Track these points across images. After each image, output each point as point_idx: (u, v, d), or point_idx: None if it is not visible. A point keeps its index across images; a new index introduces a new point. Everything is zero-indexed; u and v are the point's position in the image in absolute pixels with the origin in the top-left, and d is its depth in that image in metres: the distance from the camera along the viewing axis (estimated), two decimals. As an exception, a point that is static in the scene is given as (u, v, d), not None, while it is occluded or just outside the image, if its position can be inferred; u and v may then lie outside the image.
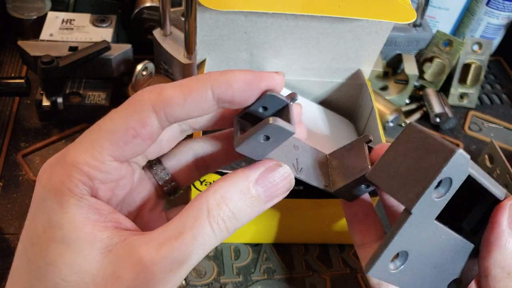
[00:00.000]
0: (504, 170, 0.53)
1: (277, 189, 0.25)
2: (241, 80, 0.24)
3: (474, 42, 0.64)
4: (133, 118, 0.24)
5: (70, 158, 0.24)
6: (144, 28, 0.63)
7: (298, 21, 0.44)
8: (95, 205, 0.24)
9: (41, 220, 0.24)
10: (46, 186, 0.24)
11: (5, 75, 0.62)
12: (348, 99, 0.52)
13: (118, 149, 0.24)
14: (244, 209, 0.24)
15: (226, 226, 0.24)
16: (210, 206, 0.23)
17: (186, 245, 0.23)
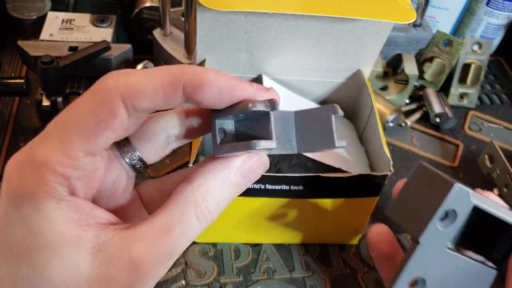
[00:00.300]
0: (504, 170, 0.53)
1: (255, 174, 0.26)
2: (214, 85, 0.23)
3: (474, 42, 0.64)
4: (102, 109, 0.22)
5: (39, 157, 0.22)
6: (144, 28, 0.63)
7: (298, 21, 0.44)
8: (75, 205, 0.23)
9: (18, 228, 0.22)
10: (18, 191, 0.22)
11: (5, 75, 0.62)
12: (348, 99, 0.52)
13: (90, 143, 0.23)
14: (227, 197, 0.25)
15: (211, 216, 0.24)
16: (197, 200, 0.24)
17: (176, 239, 0.23)
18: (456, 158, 0.60)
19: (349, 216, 0.46)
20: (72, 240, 0.22)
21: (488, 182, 0.57)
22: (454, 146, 0.62)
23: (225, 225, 0.45)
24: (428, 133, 0.63)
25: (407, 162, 0.59)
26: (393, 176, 0.56)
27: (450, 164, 0.59)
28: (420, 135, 0.62)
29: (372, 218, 0.51)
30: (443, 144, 0.62)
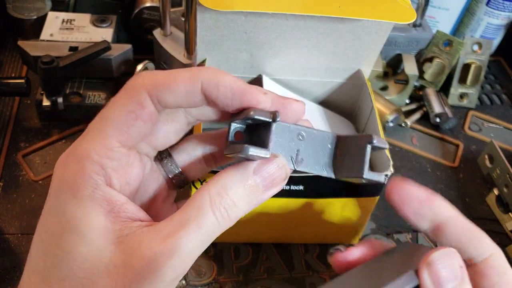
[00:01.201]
0: (504, 170, 0.53)
1: (273, 178, 0.26)
2: (227, 86, 0.26)
3: (474, 42, 0.64)
4: (131, 102, 0.25)
5: (80, 150, 0.25)
6: (144, 28, 0.63)
7: (298, 21, 0.44)
8: (109, 196, 0.25)
9: (56, 212, 0.25)
10: (61, 179, 0.25)
11: (5, 75, 0.62)
12: (348, 99, 0.52)
13: (123, 133, 0.25)
14: (244, 197, 0.26)
15: (228, 214, 0.25)
16: (212, 195, 0.25)
17: (192, 233, 0.24)
18: (456, 158, 0.60)
19: (349, 216, 0.46)
20: (100, 228, 0.24)
21: (488, 182, 0.57)
22: (454, 146, 0.62)
23: (225, 225, 0.45)
24: (428, 133, 0.63)
25: (407, 162, 0.59)
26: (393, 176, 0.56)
27: (450, 164, 0.59)
28: (420, 135, 0.62)
29: (372, 218, 0.52)
30: (443, 144, 0.62)
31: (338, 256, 0.33)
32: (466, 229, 0.29)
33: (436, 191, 0.58)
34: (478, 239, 0.29)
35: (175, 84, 0.26)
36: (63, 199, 0.25)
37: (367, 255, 0.32)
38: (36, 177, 0.51)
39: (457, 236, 0.29)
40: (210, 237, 0.25)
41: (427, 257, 0.26)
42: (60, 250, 0.24)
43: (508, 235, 0.52)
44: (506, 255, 0.49)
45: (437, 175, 0.57)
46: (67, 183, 0.25)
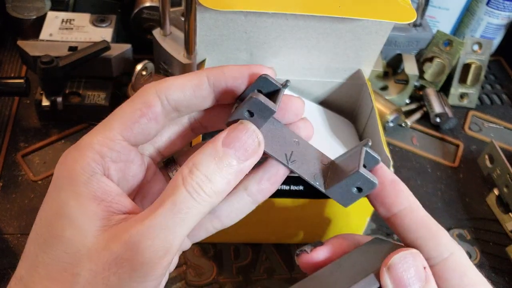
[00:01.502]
0: (504, 170, 0.53)
1: (246, 147, 0.26)
2: (232, 68, 0.27)
3: (474, 42, 0.64)
4: (139, 101, 0.27)
5: (83, 140, 0.26)
6: (144, 28, 0.63)
7: (298, 21, 0.44)
8: (103, 185, 0.25)
9: (52, 198, 0.26)
10: (61, 167, 0.26)
11: (5, 75, 0.62)
12: (348, 99, 0.52)
13: (127, 128, 0.26)
14: (217, 171, 0.25)
15: (203, 189, 0.25)
16: (184, 174, 0.25)
17: (167, 211, 0.24)
18: (456, 158, 0.60)
19: (349, 216, 0.46)
20: (89, 215, 0.25)
21: (488, 182, 0.57)
22: (454, 146, 0.62)
23: (225, 225, 0.45)
24: (428, 133, 0.63)
25: (407, 162, 0.58)
26: (393, 176, 0.56)
27: (450, 164, 0.59)
28: (420, 135, 0.62)
29: (373, 218, 0.51)
30: (443, 144, 0.62)
31: (303, 258, 0.33)
32: (424, 225, 0.29)
33: (436, 191, 0.59)
34: (437, 237, 0.28)
35: (181, 80, 0.27)
36: (60, 185, 0.25)
37: (334, 254, 0.31)
38: (35, 177, 0.51)
39: (413, 230, 0.29)
40: (188, 214, 0.24)
41: (387, 259, 0.25)
42: (49, 235, 0.25)
43: (508, 235, 0.52)
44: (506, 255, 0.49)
45: (437, 175, 0.57)
46: (65, 169, 0.25)
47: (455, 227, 0.52)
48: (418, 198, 0.58)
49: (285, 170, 0.29)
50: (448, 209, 0.54)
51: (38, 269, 0.25)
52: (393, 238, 0.50)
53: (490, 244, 0.51)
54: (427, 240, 0.28)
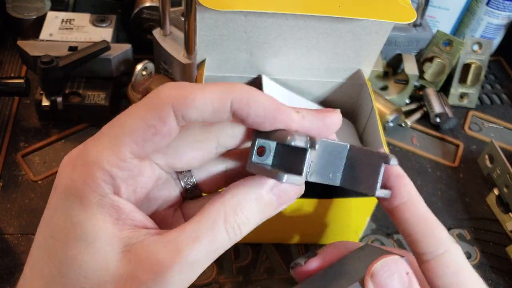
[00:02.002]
0: (504, 170, 0.53)
1: (288, 196, 0.26)
2: (260, 104, 0.24)
3: (474, 42, 0.64)
4: (153, 116, 0.24)
5: (91, 156, 0.24)
6: (144, 28, 0.63)
7: (298, 21, 0.44)
8: (116, 204, 0.24)
9: (61, 216, 0.24)
10: (67, 184, 0.24)
11: (5, 75, 0.62)
12: (348, 99, 0.52)
13: (138, 146, 0.24)
14: (257, 214, 0.25)
15: (241, 231, 0.25)
16: (227, 212, 0.24)
17: (203, 249, 0.23)
18: (456, 158, 0.60)
19: (349, 216, 0.46)
20: (107, 236, 0.23)
21: (488, 182, 0.57)
22: (454, 146, 0.62)
23: (225, 225, 0.45)
24: (428, 133, 0.63)
25: (407, 162, 0.58)
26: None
27: (450, 164, 0.59)
28: (420, 135, 0.62)
29: (373, 218, 0.51)
30: (443, 144, 0.62)
31: (298, 270, 0.33)
32: (422, 219, 0.29)
33: (436, 191, 0.59)
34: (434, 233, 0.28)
35: (203, 100, 0.24)
36: (70, 203, 0.24)
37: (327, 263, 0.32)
38: (35, 177, 0.51)
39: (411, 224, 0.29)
40: (219, 252, 0.24)
41: (371, 267, 0.26)
42: (65, 257, 0.23)
43: (508, 235, 0.52)
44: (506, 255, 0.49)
45: (437, 175, 0.57)
46: (74, 188, 0.24)
47: (455, 227, 0.52)
48: (418, 198, 0.57)
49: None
50: (448, 209, 0.54)
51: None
52: (393, 238, 0.50)
53: (490, 244, 0.51)
54: (424, 235, 0.28)
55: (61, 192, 0.24)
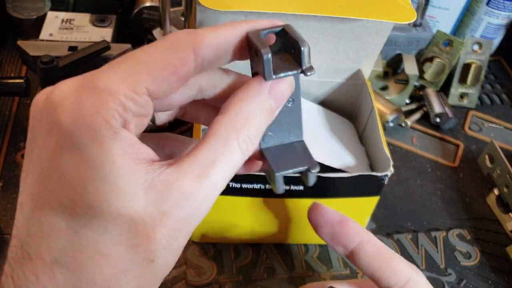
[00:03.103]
0: (504, 170, 0.53)
1: (284, 97, 0.26)
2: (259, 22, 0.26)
3: (474, 42, 0.64)
4: (174, 56, 0.23)
5: (103, 84, 0.22)
6: (144, 28, 0.63)
7: (298, 21, 0.44)
8: (129, 138, 0.22)
9: (71, 158, 0.21)
10: (73, 117, 0.21)
11: (5, 75, 0.62)
12: (348, 99, 0.52)
13: (155, 84, 0.22)
14: (263, 123, 0.25)
15: (253, 144, 0.24)
16: (238, 128, 0.24)
17: (221, 170, 0.23)
18: (456, 158, 0.60)
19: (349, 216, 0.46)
20: (128, 174, 0.21)
21: (488, 182, 0.57)
22: (454, 146, 0.62)
23: (225, 225, 0.45)
24: (428, 133, 0.63)
25: (407, 162, 0.59)
26: (393, 176, 0.56)
27: (450, 164, 0.59)
28: (420, 135, 0.62)
29: (373, 218, 0.51)
30: (443, 144, 0.62)
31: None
32: (376, 256, 0.30)
33: (436, 191, 0.59)
34: (390, 267, 0.29)
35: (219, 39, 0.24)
36: (79, 140, 0.21)
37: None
38: (35, 177, 0.51)
39: (369, 263, 0.30)
40: (235, 170, 0.24)
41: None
42: (87, 206, 0.21)
43: (508, 235, 0.52)
44: (506, 255, 0.49)
45: (437, 175, 0.57)
46: (83, 121, 0.21)
47: (455, 227, 0.52)
48: (418, 198, 0.58)
49: None
50: (448, 209, 0.54)
51: (83, 248, 0.21)
52: (393, 238, 0.50)
53: (490, 244, 0.51)
54: (383, 271, 0.29)
55: (66, 129, 0.21)
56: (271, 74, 0.24)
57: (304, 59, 0.25)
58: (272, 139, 0.29)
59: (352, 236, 0.30)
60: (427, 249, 0.50)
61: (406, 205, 0.54)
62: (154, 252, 0.22)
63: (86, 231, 0.21)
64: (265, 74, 0.24)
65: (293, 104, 0.28)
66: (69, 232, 0.21)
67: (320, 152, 0.43)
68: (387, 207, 0.53)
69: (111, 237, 0.21)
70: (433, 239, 0.51)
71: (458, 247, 0.50)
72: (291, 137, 0.29)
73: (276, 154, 0.29)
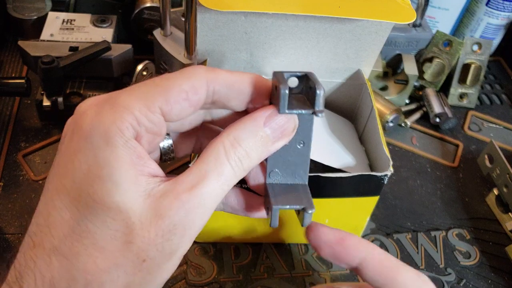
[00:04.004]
0: (504, 170, 0.53)
1: (283, 130, 0.28)
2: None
3: (473, 42, 0.64)
4: (187, 83, 0.26)
5: (122, 101, 0.25)
6: (145, 28, 0.63)
7: (298, 21, 0.44)
8: (138, 150, 0.25)
9: (84, 157, 0.24)
10: (93, 122, 0.24)
11: (6, 75, 0.62)
12: (348, 99, 0.52)
13: (168, 105, 0.25)
14: (255, 148, 0.27)
15: (242, 164, 0.26)
16: (226, 147, 0.26)
17: (213, 183, 0.25)
18: (456, 158, 0.60)
19: (349, 216, 0.46)
20: (132, 179, 0.24)
21: (488, 182, 0.57)
22: (454, 146, 0.62)
23: (225, 225, 0.45)
24: (428, 133, 0.63)
25: (407, 162, 0.59)
26: (393, 176, 0.56)
27: (450, 164, 0.59)
28: (420, 135, 0.63)
29: (372, 218, 0.52)
30: (443, 144, 0.62)
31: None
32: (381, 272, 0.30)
33: (435, 191, 0.59)
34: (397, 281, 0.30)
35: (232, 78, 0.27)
36: (95, 144, 0.24)
37: None
38: (36, 177, 0.52)
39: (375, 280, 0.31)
40: (228, 186, 0.26)
41: None
42: (91, 199, 0.23)
43: (508, 235, 0.52)
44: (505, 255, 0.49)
45: (437, 175, 0.58)
46: (101, 128, 0.24)
47: (455, 227, 0.52)
48: (418, 198, 0.58)
49: None
50: (447, 208, 0.54)
51: (81, 239, 0.23)
52: (392, 238, 0.50)
53: (490, 244, 0.51)
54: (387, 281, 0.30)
55: (85, 131, 0.24)
56: (285, 108, 0.26)
57: (318, 101, 0.27)
58: (278, 176, 0.31)
59: (352, 254, 0.31)
60: (426, 248, 0.50)
61: (405, 205, 0.54)
62: (147, 252, 0.24)
63: (87, 223, 0.23)
64: (279, 106, 0.26)
65: (303, 147, 0.30)
66: (72, 223, 0.24)
67: (320, 152, 0.44)
68: (387, 207, 0.53)
69: (108, 231, 0.23)
70: (433, 239, 0.51)
71: (457, 247, 0.50)
72: (296, 179, 0.31)
73: (278, 191, 0.31)
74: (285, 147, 0.29)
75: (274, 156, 0.30)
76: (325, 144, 0.47)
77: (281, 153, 0.30)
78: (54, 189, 0.25)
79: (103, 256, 0.23)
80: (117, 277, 0.24)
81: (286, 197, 0.30)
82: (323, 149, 0.45)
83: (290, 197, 0.30)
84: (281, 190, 0.31)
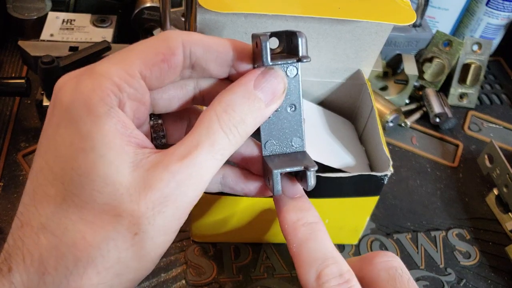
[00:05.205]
0: (504, 170, 0.53)
1: (274, 90, 0.27)
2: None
3: (473, 42, 0.64)
4: (163, 45, 0.25)
5: (99, 69, 0.24)
6: (145, 28, 0.63)
7: (298, 22, 0.44)
8: (122, 118, 0.24)
9: (67, 131, 0.23)
10: (72, 94, 0.23)
11: (6, 75, 0.62)
12: (348, 99, 0.52)
13: (146, 68, 0.25)
14: (249, 113, 0.26)
15: (238, 131, 0.25)
16: (219, 114, 0.25)
17: (206, 152, 0.24)
18: (456, 158, 0.60)
19: (349, 216, 0.46)
20: (117, 149, 0.23)
21: (488, 182, 0.57)
22: (454, 146, 0.62)
23: (225, 225, 0.45)
24: (428, 133, 0.63)
25: (406, 162, 0.59)
26: (393, 176, 0.56)
27: (450, 164, 0.59)
28: (420, 135, 0.63)
29: (372, 218, 0.52)
30: (443, 144, 0.62)
31: None
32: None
33: (435, 191, 0.59)
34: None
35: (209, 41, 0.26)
36: (76, 115, 0.23)
37: None
38: (36, 177, 0.52)
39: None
40: (223, 156, 0.25)
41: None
42: (76, 173, 0.22)
43: (507, 235, 0.52)
44: (505, 255, 0.49)
45: (437, 175, 0.58)
46: (80, 98, 0.23)
47: (455, 227, 0.52)
48: (418, 198, 0.58)
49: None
50: (447, 208, 0.54)
51: (68, 214, 0.22)
52: (392, 238, 0.50)
53: (490, 244, 0.51)
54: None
55: (65, 105, 0.23)
56: (269, 60, 0.25)
57: (301, 46, 0.26)
58: (274, 146, 0.29)
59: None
60: (426, 248, 0.50)
61: (405, 205, 0.54)
62: (138, 225, 0.23)
63: (73, 198, 0.22)
64: (263, 60, 0.25)
65: (295, 111, 0.29)
66: (57, 199, 0.22)
67: (320, 152, 0.44)
68: (387, 207, 0.53)
69: (96, 205, 0.22)
70: (433, 238, 0.51)
71: (457, 247, 0.51)
72: (293, 146, 0.30)
73: (276, 160, 0.29)
74: (277, 114, 0.28)
75: (267, 125, 0.29)
76: (325, 144, 0.47)
77: (274, 121, 0.29)
78: (38, 167, 0.24)
79: (92, 231, 0.22)
80: (108, 251, 0.22)
81: (285, 162, 0.29)
82: (323, 149, 0.46)
83: (289, 162, 0.29)
84: (279, 159, 0.29)
